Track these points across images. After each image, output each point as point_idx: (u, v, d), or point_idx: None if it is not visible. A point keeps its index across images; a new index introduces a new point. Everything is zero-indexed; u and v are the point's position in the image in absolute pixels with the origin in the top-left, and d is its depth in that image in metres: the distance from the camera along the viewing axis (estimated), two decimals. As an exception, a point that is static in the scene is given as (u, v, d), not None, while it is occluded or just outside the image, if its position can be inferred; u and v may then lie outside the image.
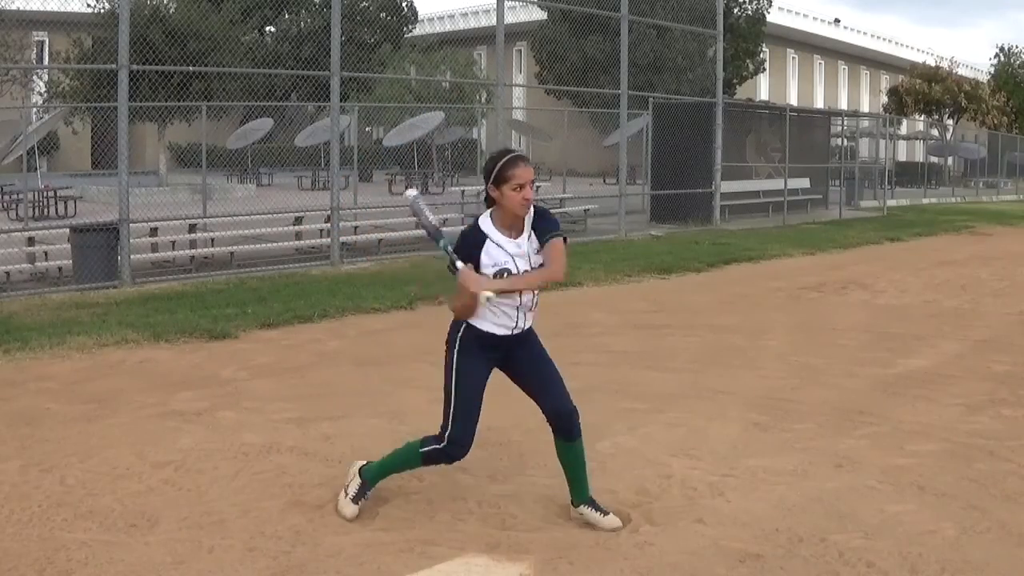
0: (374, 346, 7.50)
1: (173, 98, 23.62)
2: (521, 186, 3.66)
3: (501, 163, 3.69)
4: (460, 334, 3.83)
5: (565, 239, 3.78)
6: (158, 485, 4.30)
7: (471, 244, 3.75)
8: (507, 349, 3.86)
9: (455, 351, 3.83)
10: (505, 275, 3.73)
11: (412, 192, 3.92)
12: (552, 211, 3.95)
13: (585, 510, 3.93)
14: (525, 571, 3.51)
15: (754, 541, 3.76)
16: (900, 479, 4.47)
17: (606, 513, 3.92)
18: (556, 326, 8.46)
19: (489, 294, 3.62)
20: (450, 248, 3.74)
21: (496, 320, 3.80)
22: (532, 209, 3.76)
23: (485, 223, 3.77)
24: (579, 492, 3.96)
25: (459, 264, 3.70)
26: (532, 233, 3.76)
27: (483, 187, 3.81)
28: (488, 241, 3.74)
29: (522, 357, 3.91)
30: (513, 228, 3.75)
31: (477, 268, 3.72)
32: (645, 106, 21.07)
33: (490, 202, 3.77)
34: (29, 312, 8.42)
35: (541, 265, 3.76)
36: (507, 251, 3.73)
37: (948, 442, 5.06)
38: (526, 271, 3.75)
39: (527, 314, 3.85)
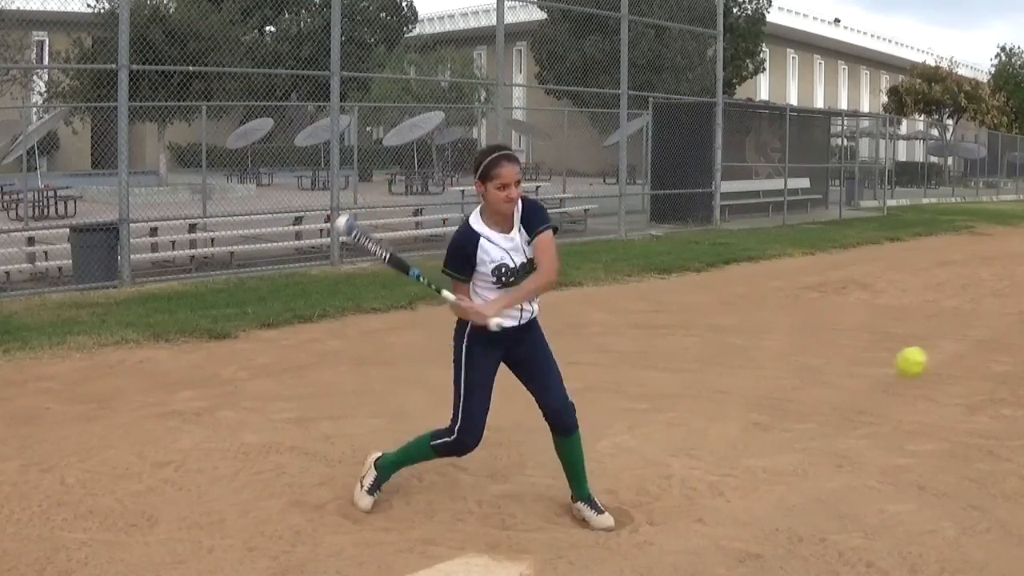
0: (374, 346, 7.50)
1: (173, 98, 23.63)
2: (505, 185, 3.64)
3: (488, 160, 3.67)
4: (468, 329, 3.80)
5: (555, 229, 3.76)
6: (158, 485, 4.30)
7: (466, 243, 3.73)
8: (514, 339, 3.86)
9: (463, 345, 3.83)
10: (503, 270, 3.73)
11: (343, 220, 3.78)
12: (552, 211, 3.94)
13: (581, 506, 3.94)
14: (525, 571, 3.51)
15: (754, 541, 3.76)
16: (900, 479, 4.47)
17: (601, 512, 3.92)
18: (556, 326, 8.43)
19: (498, 321, 3.65)
20: (425, 279, 3.73)
21: (506, 314, 3.79)
22: (520, 202, 3.75)
23: (476, 222, 3.76)
24: (577, 487, 3.97)
25: (448, 295, 3.72)
26: (522, 227, 3.75)
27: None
28: (482, 239, 3.73)
29: (527, 346, 3.91)
30: (503, 223, 3.75)
31: (474, 267, 3.72)
32: (645, 106, 21.07)
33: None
34: (29, 312, 8.42)
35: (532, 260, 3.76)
36: (501, 247, 3.73)
37: (948, 442, 5.06)
38: (523, 263, 3.75)
39: (532, 301, 3.86)
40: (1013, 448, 4.96)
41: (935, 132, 44.38)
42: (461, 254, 3.73)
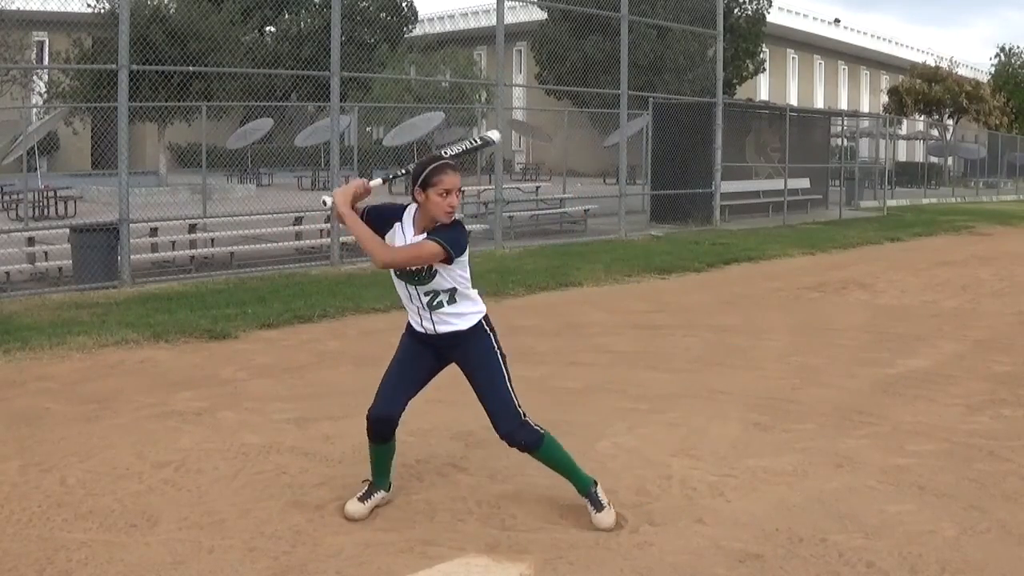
0: (374, 346, 7.49)
1: (173, 98, 23.62)
2: (447, 192, 3.66)
3: (429, 168, 3.68)
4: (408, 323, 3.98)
5: (445, 249, 3.64)
6: (158, 485, 4.30)
7: (388, 213, 3.80)
8: (436, 349, 3.89)
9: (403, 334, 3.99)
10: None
11: (496, 134, 4.05)
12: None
13: (585, 501, 3.93)
14: (525, 571, 3.51)
15: (754, 541, 3.76)
16: (900, 479, 4.47)
17: (601, 509, 3.89)
18: (556, 326, 8.46)
19: (325, 198, 3.82)
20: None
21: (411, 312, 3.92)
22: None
23: (407, 213, 3.79)
24: (576, 485, 3.96)
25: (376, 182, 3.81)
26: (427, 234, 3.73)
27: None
28: (398, 225, 3.79)
29: (464, 362, 3.90)
30: (425, 231, 3.73)
31: (382, 235, 3.76)
32: (645, 106, 21.06)
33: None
34: (29, 312, 8.42)
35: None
36: (407, 243, 3.76)
37: (948, 442, 5.06)
38: (418, 268, 3.77)
39: (431, 316, 3.82)
40: (1013, 448, 4.96)
41: (935, 132, 44.39)
42: (378, 216, 3.77)
